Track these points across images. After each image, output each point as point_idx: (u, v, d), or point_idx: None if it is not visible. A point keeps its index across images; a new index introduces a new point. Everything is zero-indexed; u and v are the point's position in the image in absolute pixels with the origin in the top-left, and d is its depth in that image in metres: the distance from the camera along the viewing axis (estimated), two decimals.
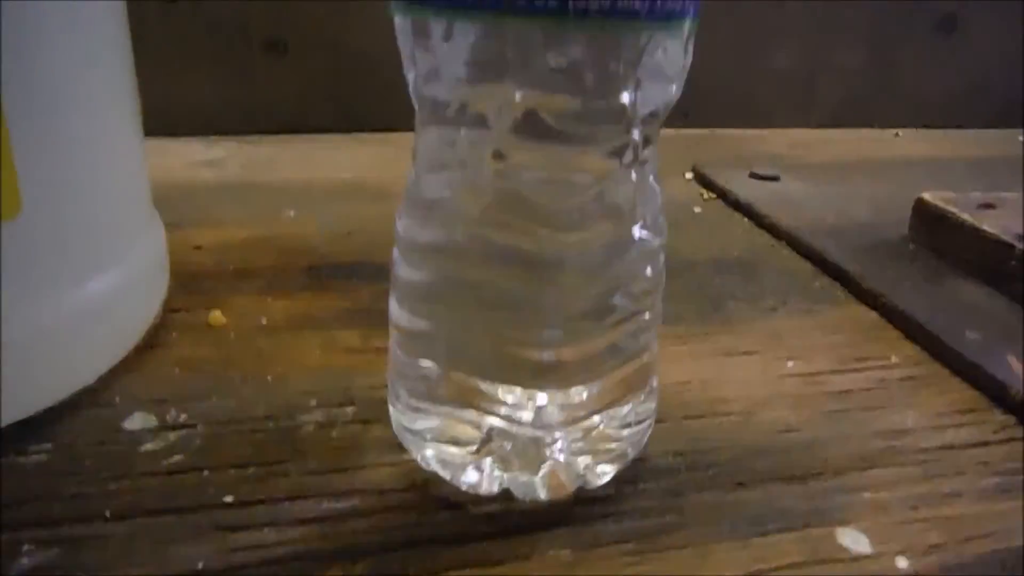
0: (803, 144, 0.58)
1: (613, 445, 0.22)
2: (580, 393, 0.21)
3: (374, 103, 0.54)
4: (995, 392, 0.27)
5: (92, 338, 0.25)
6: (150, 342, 0.28)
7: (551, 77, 0.17)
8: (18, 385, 0.23)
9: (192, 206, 0.41)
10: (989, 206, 0.37)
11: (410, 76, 0.19)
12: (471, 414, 0.21)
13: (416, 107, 0.20)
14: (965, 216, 0.36)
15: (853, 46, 0.61)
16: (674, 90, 0.20)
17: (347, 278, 0.34)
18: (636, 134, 0.20)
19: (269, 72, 0.53)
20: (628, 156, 0.20)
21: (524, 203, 0.19)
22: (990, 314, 0.32)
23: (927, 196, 0.39)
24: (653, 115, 0.20)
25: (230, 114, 0.53)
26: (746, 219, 0.43)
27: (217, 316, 0.30)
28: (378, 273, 0.34)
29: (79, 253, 0.24)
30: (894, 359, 0.30)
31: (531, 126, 0.18)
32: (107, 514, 0.21)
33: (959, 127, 0.64)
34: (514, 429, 0.21)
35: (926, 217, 0.38)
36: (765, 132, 0.60)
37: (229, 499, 0.21)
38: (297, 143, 0.52)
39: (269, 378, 0.27)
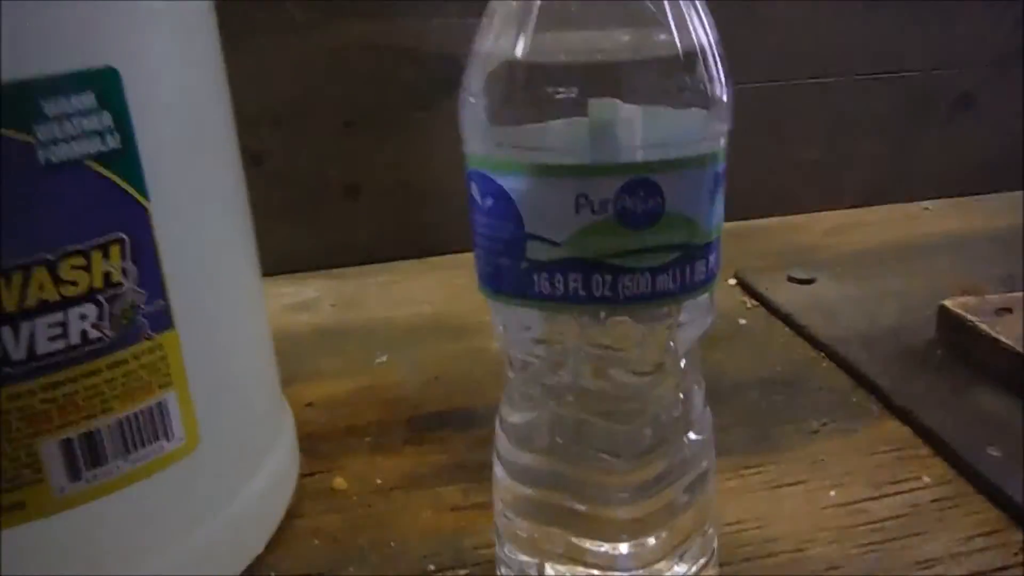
0: (836, 230, 0.62)
1: None
2: (661, 567, 0.26)
3: (438, 230, 0.60)
4: (1014, 511, 0.31)
5: (255, 525, 0.31)
6: (290, 512, 0.34)
7: (607, 344, 0.23)
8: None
9: (296, 357, 0.47)
10: (1007, 311, 0.41)
11: (499, 333, 0.25)
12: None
13: (509, 359, 0.25)
14: (983, 326, 0.40)
15: (877, 131, 0.65)
16: (709, 320, 0.25)
17: (441, 427, 0.40)
18: (681, 365, 0.25)
19: (347, 214, 0.59)
20: (676, 384, 0.25)
21: (593, 430, 0.24)
22: (1011, 427, 0.36)
23: (948, 304, 0.43)
24: (693, 345, 0.25)
25: (315, 254, 0.59)
26: (787, 328, 0.47)
27: (340, 482, 0.36)
28: (467, 421, 0.40)
29: (243, 460, 0.30)
30: (925, 479, 0.34)
31: (594, 376, 0.23)
32: None
33: (986, 193, 0.68)
34: None
35: (949, 325, 0.42)
36: (800, 219, 0.65)
37: None
38: (377, 274, 0.58)
39: (392, 544, 0.32)
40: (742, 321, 0.49)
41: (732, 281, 0.54)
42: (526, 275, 0.22)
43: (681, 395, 0.25)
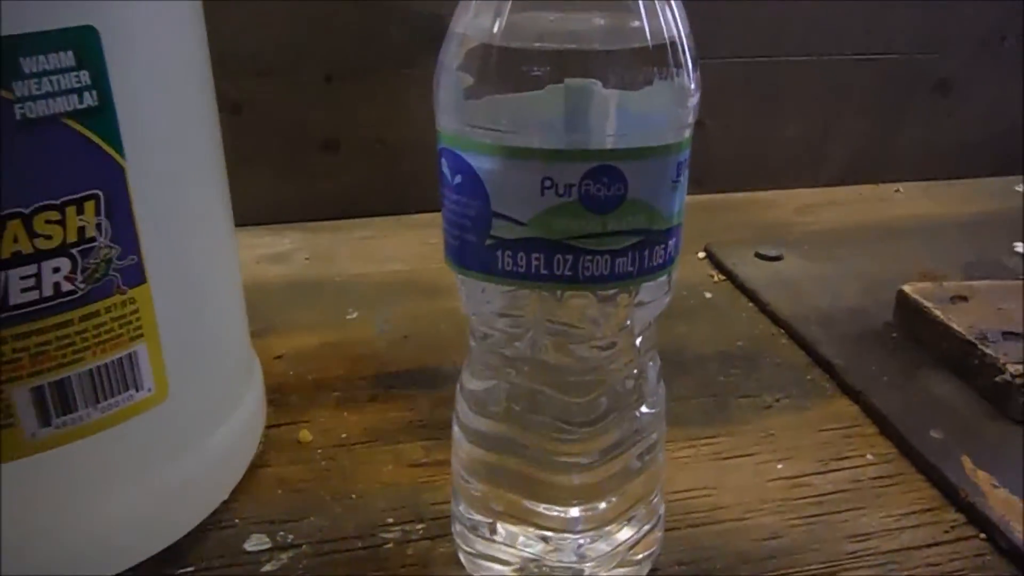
0: (809, 208, 0.63)
1: (638, 556, 0.28)
2: (611, 529, 0.27)
3: (416, 188, 0.61)
4: (950, 492, 0.33)
5: (220, 473, 0.32)
6: (255, 462, 0.35)
7: (566, 320, 0.23)
8: (167, 520, 0.30)
9: (267, 309, 0.47)
10: (962, 299, 0.43)
11: (464, 304, 0.26)
12: (512, 547, 0.27)
13: (471, 328, 0.26)
14: (937, 312, 0.41)
15: (858, 111, 0.66)
16: (666, 300, 0.26)
17: (407, 386, 0.41)
18: (638, 342, 0.26)
19: (325, 168, 0.59)
20: (632, 361, 0.26)
21: (553, 405, 0.25)
22: (956, 411, 0.37)
23: (907, 289, 0.44)
24: (650, 324, 0.26)
25: (292, 206, 0.60)
26: (751, 303, 0.48)
27: (305, 434, 0.37)
28: (433, 380, 0.41)
29: (211, 412, 0.31)
30: (869, 456, 0.36)
31: (552, 350, 0.24)
32: None
33: (959, 178, 0.69)
34: (545, 560, 0.27)
35: (906, 309, 0.44)
36: (774, 195, 0.66)
37: None
38: (353, 229, 0.59)
39: (353, 496, 0.33)
40: (708, 295, 0.50)
41: (701, 254, 0.55)
42: (491, 252, 0.22)
43: (636, 370, 0.26)
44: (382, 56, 0.57)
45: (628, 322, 0.24)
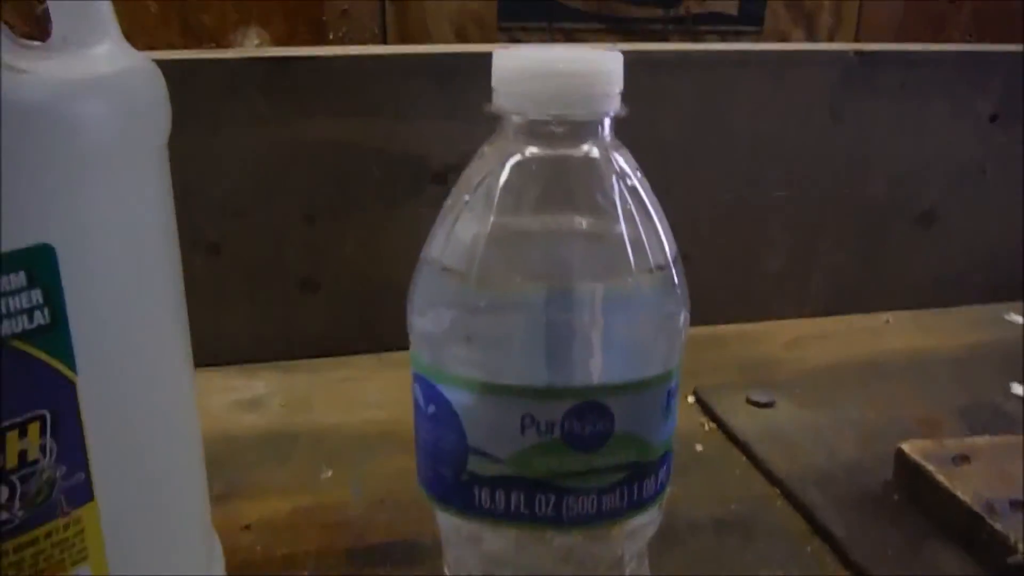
0: (797, 343, 0.62)
1: None
2: None
3: (397, 326, 0.59)
4: None
5: None
6: None
7: (550, 566, 0.22)
8: None
9: (237, 466, 0.45)
10: (964, 459, 0.41)
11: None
12: None
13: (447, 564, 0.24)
14: (940, 477, 0.40)
15: (840, 244, 0.66)
16: (658, 523, 0.24)
17: (383, 562, 0.38)
18: (629, 562, 0.24)
19: (304, 306, 0.58)
20: None
21: None
22: None
23: (906, 448, 0.42)
24: (641, 550, 0.24)
25: (269, 344, 0.58)
26: (744, 457, 0.47)
27: None
28: (410, 554, 0.38)
29: None
30: None
31: None
32: None
33: (947, 306, 0.68)
34: None
35: (906, 470, 0.42)
36: (762, 327, 0.65)
37: None
38: (332, 369, 0.57)
39: None
40: (699, 448, 0.48)
41: (691, 399, 0.53)
42: (467, 488, 0.21)
43: None
44: (362, 195, 0.57)
45: (620, 553, 0.22)
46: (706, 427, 0.50)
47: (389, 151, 0.55)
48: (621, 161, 0.21)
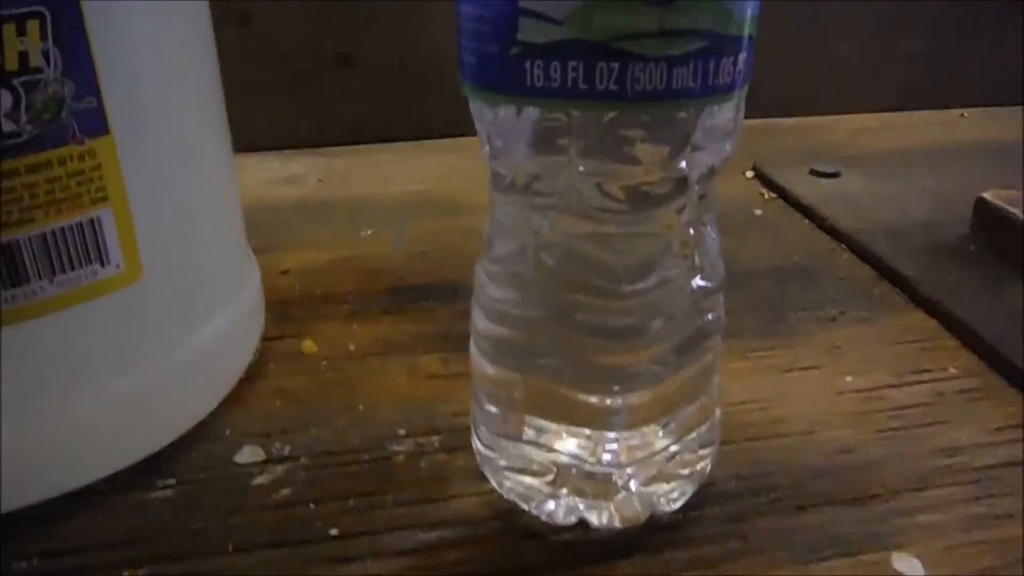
0: (866, 132, 0.58)
1: (682, 472, 0.24)
2: (647, 432, 0.23)
3: (439, 110, 0.56)
4: None
5: (206, 378, 0.28)
6: (251, 373, 0.31)
7: (612, 151, 0.19)
8: (145, 425, 0.26)
9: (275, 227, 0.43)
10: None
11: (484, 150, 0.21)
12: (544, 449, 0.23)
13: (490, 177, 0.22)
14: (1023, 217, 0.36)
15: (918, 30, 0.60)
16: (728, 147, 0.21)
17: (424, 299, 0.36)
18: (695, 193, 0.21)
19: (339, 86, 0.55)
20: (688, 214, 0.21)
21: (591, 263, 0.21)
22: None
23: (987, 195, 0.39)
24: (710, 172, 0.21)
25: (305, 128, 0.56)
26: (806, 220, 0.44)
27: (309, 345, 0.33)
28: (453, 294, 0.37)
29: (194, 305, 0.27)
30: (952, 370, 0.31)
31: (595, 195, 0.20)
32: (229, 548, 0.23)
33: None
34: (585, 466, 0.23)
35: (986, 218, 0.39)
36: (828, 120, 0.60)
37: (335, 532, 0.24)
38: (369, 153, 0.55)
39: (360, 407, 0.29)
40: (758, 212, 0.45)
41: (750, 173, 0.50)
42: (517, 63, 0.18)
43: (691, 231, 0.21)
44: None
45: (683, 165, 0.20)
46: (766, 196, 0.47)
47: None
48: None
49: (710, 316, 0.23)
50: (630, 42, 0.17)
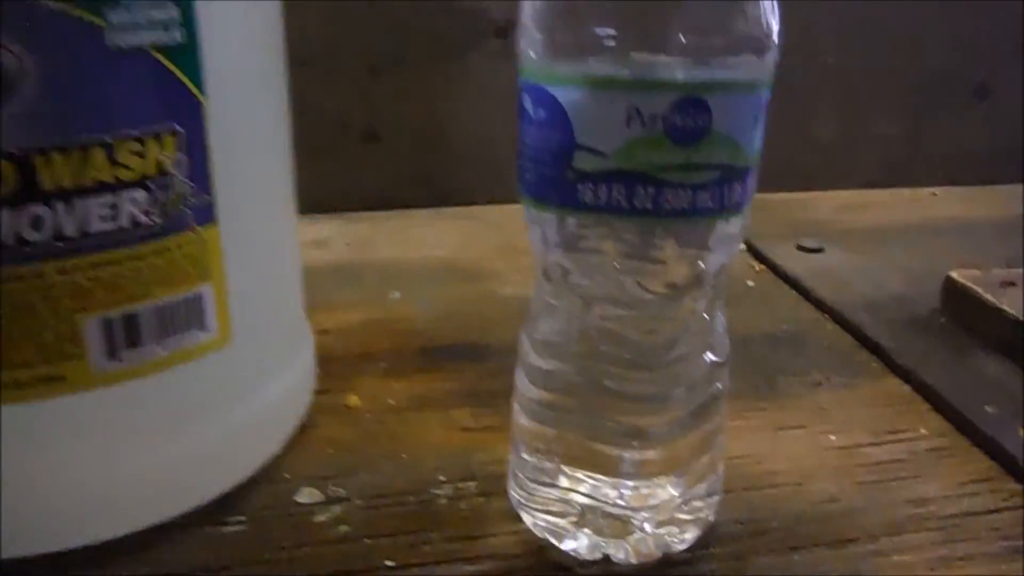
0: (846, 208, 0.63)
1: (690, 516, 0.28)
2: (662, 481, 0.27)
3: (455, 180, 0.61)
4: (1008, 463, 0.33)
5: (272, 427, 0.32)
6: (304, 424, 0.35)
7: (646, 254, 0.23)
8: (218, 468, 0.30)
9: (310, 289, 0.47)
10: (1010, 284, 0.43)
11: (538, 248, 0.26)
12: (572, 493, 0.27)
13: (538, 268, 0.26)
14: (988, 296, 0.41)
15: (890, 115, 0.66)
16: (736, 248, 0.26)
17: (453, 359, 0.41)
18: (710, 286, 0.26)
19: (365, 158, 0.60)
20: (704, 302, 0.26)
21: (624, 341, 0.25)
22: (1008, 389, 0.37)
23: (955, 275, 0.44)
24: (722, 268, 0.26)
25: (331, 196, 0.60)
26: (794, 292, 0.48)
27: (354, 400, 0.37)
28: (479, 354, 0.41)
29: (267, 364, 0.31)
30: (923, 431, 0.35)
31: (631, 287, 0.24)
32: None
33: (993, 184, 0.69)
34: (606, 508, 0.27)
35: (954, 294, 0.43)
36: (811, 196, 0.66)
37: (391, 563, 0.28)
38: (391, 220, 0.59)
39: (403, 456, 0.33)
40: (750, 283, 0.50)
41: (741, 247, 0.55)
42: (571, 185, 0.23)
43: (705, 315, 0.26)
44: (427, 49, 0.58)
45: (702, 264, 0.24)
46: (756, 268, 0.52)
47: (453, 4, 0.57)
48: None
49: (719, 385, 0.27)
50: (663, 172, 0.22)
